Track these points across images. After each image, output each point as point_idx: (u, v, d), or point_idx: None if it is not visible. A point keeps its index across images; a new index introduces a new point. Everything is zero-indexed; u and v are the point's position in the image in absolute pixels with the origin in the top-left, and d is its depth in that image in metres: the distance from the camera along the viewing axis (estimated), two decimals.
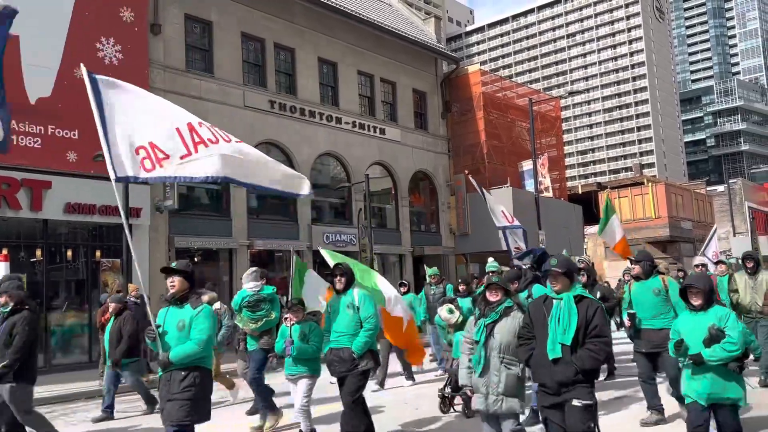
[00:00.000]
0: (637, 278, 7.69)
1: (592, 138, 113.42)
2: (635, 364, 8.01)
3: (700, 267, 10.07)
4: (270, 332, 8.10)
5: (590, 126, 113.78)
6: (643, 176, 45.33)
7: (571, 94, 53.17)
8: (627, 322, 7.57)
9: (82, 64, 6.26)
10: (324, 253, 8.04)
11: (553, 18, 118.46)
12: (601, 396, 8.30)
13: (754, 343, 6.71)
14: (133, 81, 16.80)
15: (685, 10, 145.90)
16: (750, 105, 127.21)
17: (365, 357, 6.48)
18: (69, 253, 15.69)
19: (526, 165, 27.69)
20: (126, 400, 10.18)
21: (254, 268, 8.65)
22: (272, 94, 20.54)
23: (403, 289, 11.68)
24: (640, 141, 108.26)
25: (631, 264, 10.18)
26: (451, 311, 7.72)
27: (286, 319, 7.09)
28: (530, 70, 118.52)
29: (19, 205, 14.11)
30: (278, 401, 8.19)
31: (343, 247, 21.84)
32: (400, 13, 29.91)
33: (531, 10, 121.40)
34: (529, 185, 26.49)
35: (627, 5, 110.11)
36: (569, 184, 41.57)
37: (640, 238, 36.32)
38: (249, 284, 8.26)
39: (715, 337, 4.98)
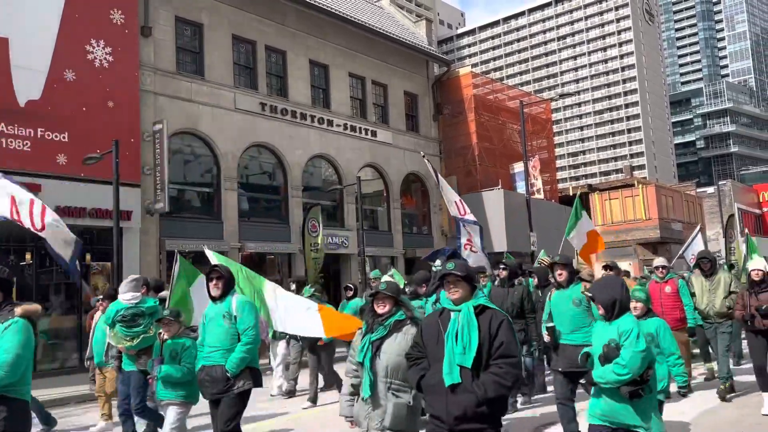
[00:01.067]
0: (559, 286, 6.77)
1: (582, 140, 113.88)
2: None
3: (661, 269, 9.38)
4: (150, 351, 6.79)
5: (581, 128, 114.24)
6: (633, 178, 45.54)
7: (562, 96, 53.36)
8: (546, 337, 6.68)
9: None
10: (209, 254, 6.94)
11: (543, 21, 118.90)
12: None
13: (663, 368, 5.38)
14: (123, 83, 16.95)
15: (675, 13, 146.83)
16: (739, 107, 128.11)
17: (242, 376, 5.49)
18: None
19: (518, 167, 27.78)
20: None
21: (134, 276, 7.66)
22: (263, 96, 20.51)
23: (349, 294, 10.86)
24: (630, 143, 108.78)
25: (604, 269, 9.80)
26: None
27: (158, 333, 6.16)
28: (521, 73, 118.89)
29: None
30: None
31: (335, 250, 21.84)
32: (391, 15, 29.95)
33: (522, 13, 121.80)
34: (521, 187, 26.58)
35: (617, 8, 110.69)
36: (560, 185, 41.75)
37: (630, 240, 36.49)
38: (125, 295, 7.19)
39: (607, 354, 4.33)
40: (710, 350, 10.73)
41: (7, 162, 14.06)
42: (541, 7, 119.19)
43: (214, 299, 5.66)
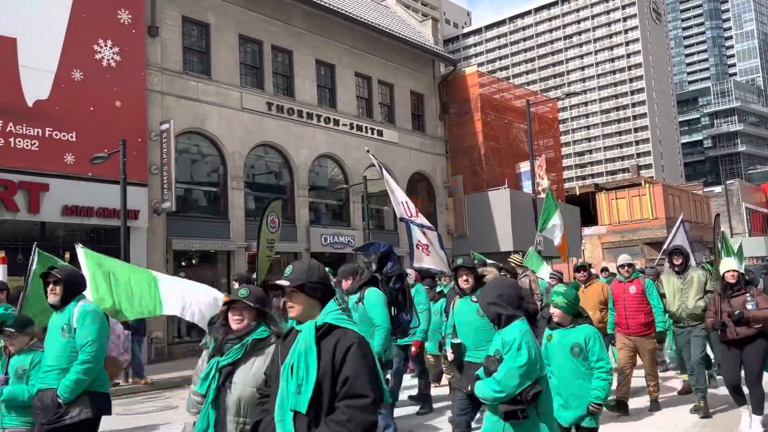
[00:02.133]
0: (463, 294, 5.87)
1: (589, 139, 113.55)
2: None
3: (626, 268, 8.18)
4: None
5: (587, 127, 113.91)
6: (640, 177, 45.41)
7: (569, 95, 53.33)
8: (450, 354, 5.66)
9: None
10: (79, 252, 6.04)
11: (550, 20, 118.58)
12: None
13: (543, 382, 4.19)
14: (130, 83, 17.01)
15: (682, 11, 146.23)
16: (747, 106, 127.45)
17: (78, 403, 4.40)
18: (67, 255, 15.66)
19: (524, 166, 27.74)
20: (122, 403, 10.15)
21: None
22: (270, 96, 20.55)
23: None
24: (637, 142, 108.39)
25: (576, 271, 9.23)
26: None
27: (3, 348, 5.10)
28: (527, 72, 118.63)
29: (17, 207, 14.10)
30: None
31: (341, 249, 21.87)
32: (397, 15, 29.95)
33: (528, 12, 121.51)
34: (527, 187, 26.54)
35: (624, 7, 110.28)
36: (566, 185, 41.67)
37: (637, 239, 36.42)
38: None
39: (488, 367, 3.86)
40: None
41: (14, 161, 14.16)
42: (548, 6, 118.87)
43: (54, 307, 4.68)
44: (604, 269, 14.03)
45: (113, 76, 16.09)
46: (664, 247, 10.55)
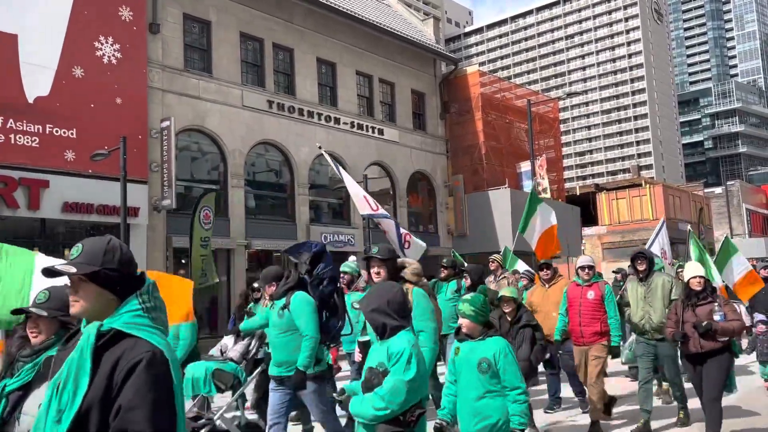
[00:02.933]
0: None
1: (590, 139, 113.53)
2: None
3: (587, 270, 7.28)
4: None
5: (588, 127, 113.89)
6: (640, 178, 45.41)
7: (570, 95, 53.28)
8: (357, 356, 5.52)
9: None
10: None
11: (552, 19, 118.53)
12: None
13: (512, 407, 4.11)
14: (131, 80, 16.99)
15: (684, 12, 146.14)
16: (748, 107, 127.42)
17: None
18: (66, 252, 15.66)
19: (524, 166, 27.73)
20: None
21: None
22: (271, 94, 20.54)
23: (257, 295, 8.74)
24: (638, 142, 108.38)
25: (540, 269, 8.52)
26: None
27: None
28: (529, 72, 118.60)
29: (17, 204, 14.09)
30: None
31: (342, 247, 21.86)
32: (398, 13, 29.92)
33: (530, 12, 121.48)
34: (527, 186, 26.51)
35: (626, 7, 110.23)
36: (567, 185, 41.66)
37: (637, 240, 36.38)
38: None
39: (369, 381, 3.46)
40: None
41: (15, 157, 14.15)
42: (549, 6, 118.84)
43: None
44: (619, 270, 13.90)
45: (114, 73, 16.08)
46: (645, 247, 10.13)
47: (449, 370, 4.38)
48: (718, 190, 53.87)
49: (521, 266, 12.43)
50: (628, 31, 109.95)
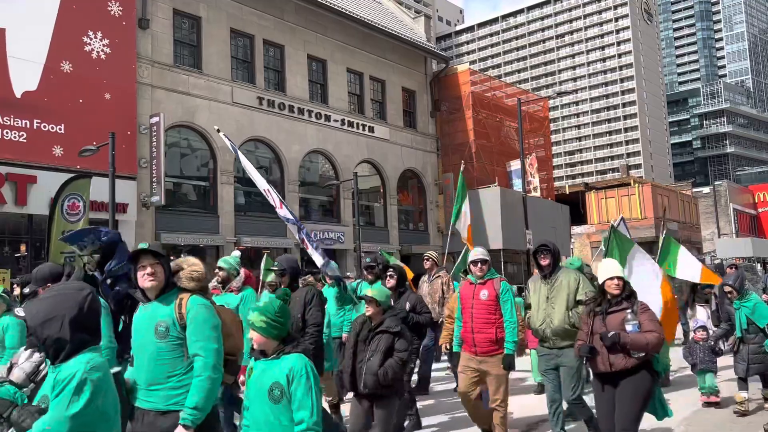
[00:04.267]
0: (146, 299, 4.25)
1: (579, 139, 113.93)
2: None
3: (480, 265, 6.18)
4: None
5: (578, 127, 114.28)
6: (629, 177, 45.62)
7: (560, 94, 53.37)
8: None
9: None
10: None
11: (542, 18, 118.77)
12: None
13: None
14: (120, 76, 16.88)
15: (673, 12, 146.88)
16: (736, 107, 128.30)
17: None
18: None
19: (514, 165, 27.79)
20: None
21: None
22: (261, 90, 20.47)
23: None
24: (627, 142, 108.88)
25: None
26: None
27: None
28: (519, 71, 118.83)
29: (4, 200, 13.98)
30: None
31: (331, 245, 21.84)
32: (390, 11, 29.90)
33: (521, 11, 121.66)
34: (517, 185, 26.58)
35: (616, 7, 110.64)
36: (557, 184, 41.79)
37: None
38: None
39: (15, 424, 2.74)
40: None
41: (2, 153, 14.04)
42: (540, 5, 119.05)
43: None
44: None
45: (103, 69, 15.97)
46: (601, 246, 9.69)
47: (246, 395, 3.36)
48: (706, 189, 54.24)
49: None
50: (618, 31, 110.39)
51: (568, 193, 39.18)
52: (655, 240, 36.70)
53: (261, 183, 8.36)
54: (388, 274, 7.02)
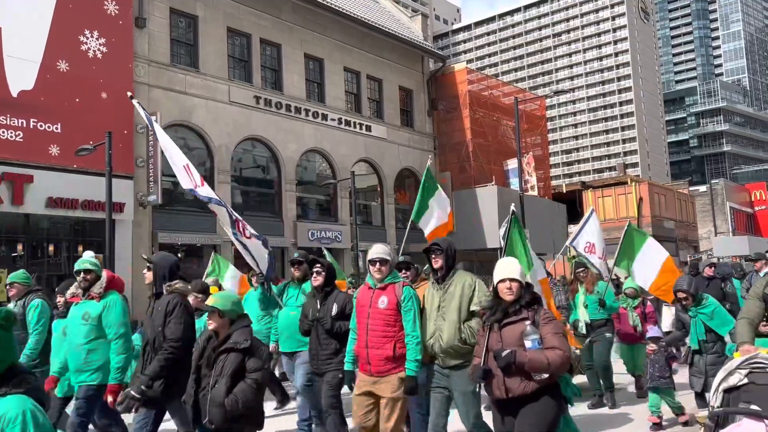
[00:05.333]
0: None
1: (576, 137, 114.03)
2: None
3: (378, 266, 5.15)
4: None
5: (575, 125, 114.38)
6: (626, 176, 45.67)
7: (557, 93, 53.29)
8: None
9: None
10: None
11: (539, 17, 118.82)
12: None
13: None
14: (117, 75, 16.84)
15: (670, 11, 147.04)
16: (732, 106, 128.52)
17: None
18: (51, 248, 15.55)
19: (511, 164, 27.82)
20: None
21: None
22: (258, 89, 20.45)
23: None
24: (624, 141, 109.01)
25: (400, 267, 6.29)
26: None
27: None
28: (516, 69, 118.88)
29: (0, 200, 13.95)
30: None
31: (329, 244, 21.83)
32: (387, 10, 29.88)
33: (518, 9, 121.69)
34: (514, 184, 26.61)
35: (612, 6, 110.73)
36: (553, 183, 41.84)
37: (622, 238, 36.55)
38: None
39: None
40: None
41: None
42: (537, 4, 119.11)
43: None
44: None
45: (99, 68, 15.94)
46: (567, 243, 9.00)
47: None
48: (703, 188, 54.33)
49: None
50: (614, 30, 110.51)
51: (565, 191, 39.22)
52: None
53: (179, 159, 7.17)
54: (315, 270, 6.04)
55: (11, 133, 14.33)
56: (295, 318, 6.42)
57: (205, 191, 7.11)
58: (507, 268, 4.13)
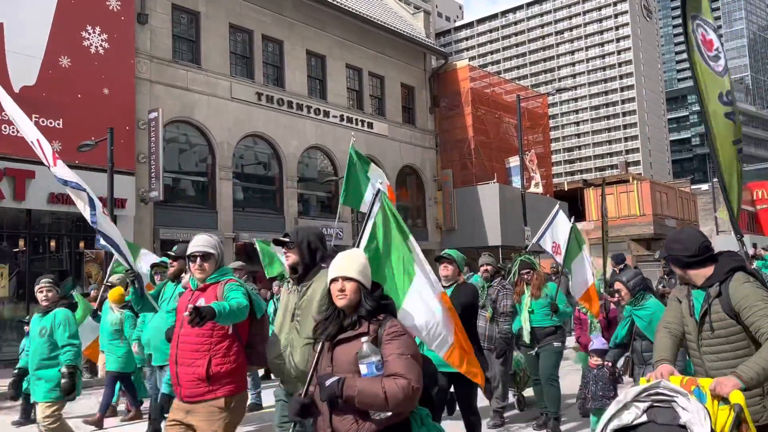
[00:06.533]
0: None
1: (578, 135, 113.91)
2: None
3: (199, 261, 4.25)
4: None
5: (577, 123, 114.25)
6: (628, 174, 45.63)
7: (559, 91, 53.28)
8: None
9: None
10: None
11: (541, 15, 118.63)
12: None
13: None
14: (119, 70, 16.83)
15: (673, 9, 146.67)
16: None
17: None
18: (52, 243, 15.55)
19: (513, 161, 27.81)
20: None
21: None
22: (260, 86, 20.44)
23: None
24: (626, 139, 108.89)
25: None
26: None
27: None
28: (518, 67, 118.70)
29: (2, 195, 13.96)
30: None
31: (330, 241, 21.81)
32: (389, 7, 29.82)
33: (520, 7, 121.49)
34: (516, 181, 26.60)
35: (615, 3, 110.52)
36: (555, 180, 41.80)
37: (624, 235, 36.58)
38: None
39: None
40: None
41: (1, 147, 14.01)
42: (539, 2, 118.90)
43: None
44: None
45: (101, 64, 15.93)
46: (534, 239, 8.56)
47: None
48: (705, 186, 54.26)
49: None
50: (617, 28, 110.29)
51: (566, 189, 39.19)
52: (654, 237, 36.79)
53: (31, 133, 6.08)
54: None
55: (13, 128, 14.32)
56: (164, 321, 5.57)
57: (61, 172, 5.92)
58: (342, 263, 2.98)
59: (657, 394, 2.65)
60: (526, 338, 7.11)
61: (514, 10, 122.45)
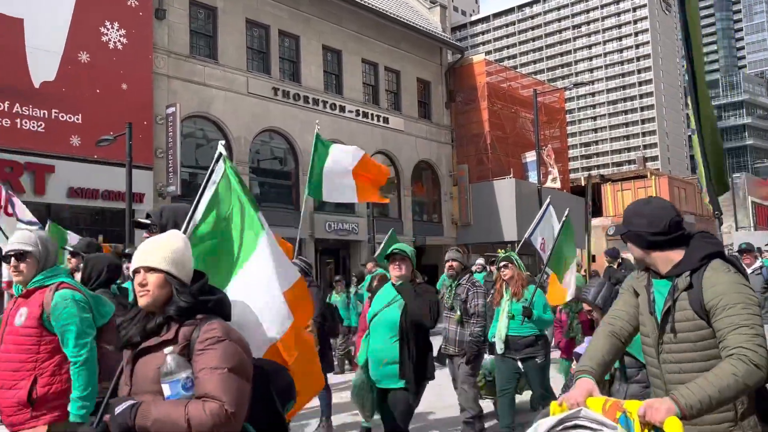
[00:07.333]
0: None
1: (596, 130, 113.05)
2: None
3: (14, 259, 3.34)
4: None
5: (594, 118, 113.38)
6: (646, 169, 45.23)
7: (576, 85, 52.83)
8: None
9: None
10: None
11: (558, 9, 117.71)
12: None
13: None
14: (137, 66, 16.99)
15: None
16: (755, 99, 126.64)
17: None
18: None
19: (530, 156, 27.66)
20: None
21: None
22: (276, 81, 20.50)
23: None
24: (643, 134, 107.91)
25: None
26: None
27: None
28: (535, 61, 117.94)
29: (23, 189, 14.13)
30: None
31: (345, 236, 21.89)
32: (404, 1, 29.75)
33: (537, 1, 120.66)
34: (533, 177, 26.47)
35: None
36: (572, 175, 41.57)
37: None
38: None
39: None
40: None
41: (21, 142, 14.19)
42: None
43: None
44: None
45: (120, 59, 16.07)
46: (526, 235, 8.34)
47: None
48: None
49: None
50: (635, 21, 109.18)
51: (584, 185, 38.94)
52: None
53: None
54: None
55: (33, 123, 14.50)
56: None
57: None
58: (145, 249, 2.40)
59: (576, 426, 2.02)
60: (499, 348, 6.11)
61: (530, 4, 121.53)
